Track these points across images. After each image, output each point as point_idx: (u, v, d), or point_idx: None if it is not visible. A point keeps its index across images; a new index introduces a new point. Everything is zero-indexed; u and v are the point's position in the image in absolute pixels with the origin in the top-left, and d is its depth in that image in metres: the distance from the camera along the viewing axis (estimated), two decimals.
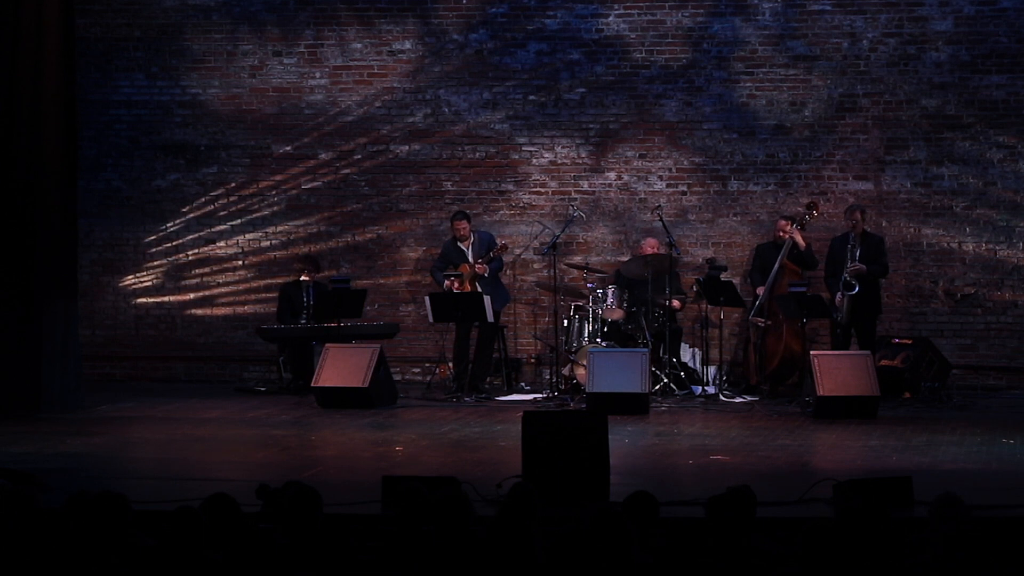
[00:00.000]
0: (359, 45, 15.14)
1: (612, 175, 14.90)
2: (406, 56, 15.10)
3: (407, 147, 15.11)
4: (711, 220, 14.79)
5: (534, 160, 14.99)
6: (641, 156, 14.85)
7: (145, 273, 15.43)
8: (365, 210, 15.22)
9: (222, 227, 15.38)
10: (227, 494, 6.20)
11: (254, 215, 15.34)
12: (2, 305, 12.69)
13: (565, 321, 13.99)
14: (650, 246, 14.21)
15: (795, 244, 13.79)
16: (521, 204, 15.02)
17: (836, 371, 12.31)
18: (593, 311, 13.72)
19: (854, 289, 13.41)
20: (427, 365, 15.01)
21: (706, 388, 13.68)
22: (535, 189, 15.00)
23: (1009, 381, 14.25)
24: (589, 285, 13.98)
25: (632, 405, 12.37)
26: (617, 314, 13.74)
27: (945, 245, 14.44)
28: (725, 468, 9.82)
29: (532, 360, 14.95)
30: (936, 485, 7.59)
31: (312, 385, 13.11)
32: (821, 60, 14.53)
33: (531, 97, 14.94)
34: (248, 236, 15.36)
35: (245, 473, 9.41)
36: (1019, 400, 13.73)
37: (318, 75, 15.19)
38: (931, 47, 14.36)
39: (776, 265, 13.78)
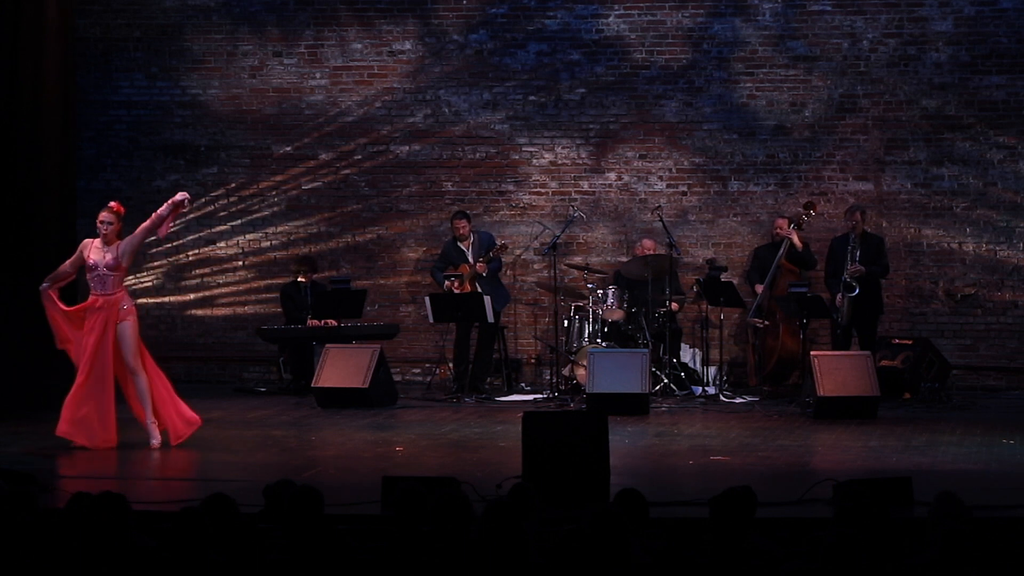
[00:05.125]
0: (359, 45, 15.14)
1: (612, 175, 14.90)
2: (406, 56, 15.09)
3: (407, 147, 15.11)
4: (711, 220, 14.79)
5: (534, 160, 14.98)
6: (641, 156, 14.85)
7: (145, 273, 15.42)
8: (365, 210, 15.22)
9: (222, 227, 15.38)
10: (226, 494, 6.19)
11: (254, 215, 15.34)
12: (2, 305, 12.69)
13: (565, 321, 13.98)
14: (646, 247, 14.21)
15: (792, 244, 13.80)
16: (521, 204, 15.02)
17: (836, 371, 12.30)
18: (593, 311, 13.71)
19: (854, 291, 13.40)
20: (427, 365, 15.01)
21: (706, 388, 13.69)
22: (535, 189, 15.00)
23: (1009, 381, 14.24)
24: (589, 285, 13.98)
25: (632, 405, 12.37)
26: (617, 315, 13.74)
27: (945, 245, 14.44)
28: (725, 468, 9.81)
29: (532, 360, 14.95)
30: (936, 485, 7.57)
31: (312, 385, 13.11)
32: (821, 60, 14.53)
33: (531, 97, 14.93)
34: (248, 236, 15.36)
35: (245, 473, 9.40)
36: (1019, 400, 13.74)
37: (318, 75, 15.19)
38: (931, 48, 14.36)
39: (774, 265, 13.78)
